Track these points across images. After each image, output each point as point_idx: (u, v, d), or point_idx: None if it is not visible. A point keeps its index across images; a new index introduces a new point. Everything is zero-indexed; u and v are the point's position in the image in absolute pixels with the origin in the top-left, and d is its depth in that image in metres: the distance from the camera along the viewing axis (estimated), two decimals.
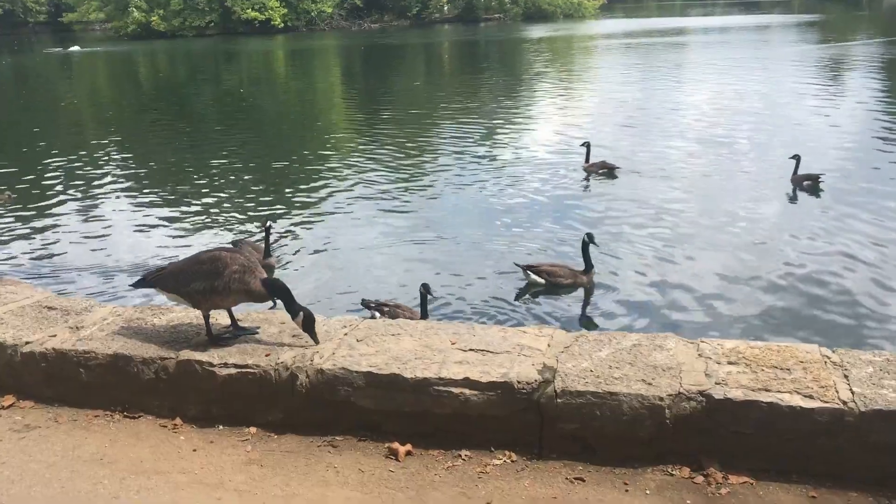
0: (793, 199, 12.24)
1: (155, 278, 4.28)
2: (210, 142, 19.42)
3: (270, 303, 4.67)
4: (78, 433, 3.93)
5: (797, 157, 12.99)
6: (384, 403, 3.74)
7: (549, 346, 3.93)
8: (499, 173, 14.62)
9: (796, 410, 3.30)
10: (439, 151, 16.85)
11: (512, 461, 3.56)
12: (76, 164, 16.54)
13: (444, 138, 18.49)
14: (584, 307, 8.20)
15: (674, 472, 3.43)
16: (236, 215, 12.30)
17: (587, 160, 14.44)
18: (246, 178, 15.20)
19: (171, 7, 71.37)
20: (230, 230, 11.28)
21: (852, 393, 3.34)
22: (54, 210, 13.06)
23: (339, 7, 78.05)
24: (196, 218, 12.07)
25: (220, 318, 4.36)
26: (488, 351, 3.90)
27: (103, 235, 11.30)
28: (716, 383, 3.47)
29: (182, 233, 11.29)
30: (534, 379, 3.59)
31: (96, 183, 14.95)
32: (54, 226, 11.95)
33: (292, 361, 3.89)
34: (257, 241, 10.03)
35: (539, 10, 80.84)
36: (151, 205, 13.08)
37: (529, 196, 12.86)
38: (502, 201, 12.49)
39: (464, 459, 3.60)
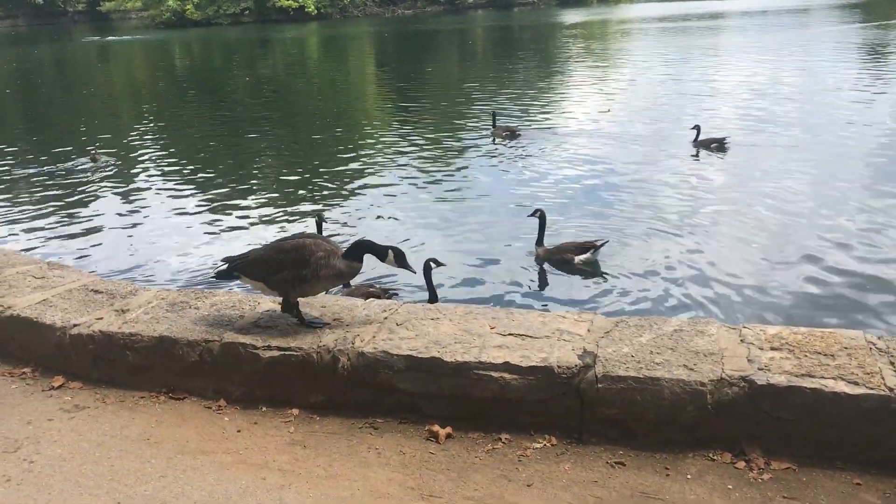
0: (830, 178, 12.06)
1: (238, 266, 4.24)
2: (243, 130, 19.55)
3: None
4: (125, 414, 4.01)
5: (697, 127, 14.37)
6: (424, 386, 3.77)
7: (589, 331, 3.93)
8: (526, 157, 14.66)
9: (841, 397, 3.26)
10: (474, 137, 16.76)
11: (552, 445, 3.58)
12: (113, 152, 16.74)
13: (479, 122, 18.39)
14: (609, 292, 8.13)
15: (715, 458, 3.42)
16: (274, 202, 12.39)
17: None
18: (281, 166, 15.30)
19: None
20: (269, 218, 11.34)
21: None
22: (95, 195, 13.26)
23: None
24: (233, 205, 12.14)
25: (263, 303, 4.43)
26: (528, 336, 3.91)
27: (140, 223, 11.42)
28: (758, 369, 3.45)
29: (220, 219, 11.36)
30: (574, 364, 3.60)
31: (134, 171, 15.14)
32: (95, 212, 12.12)
33: (334, 344, 3.94)
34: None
35: None
36: (187, 192, 13.17)
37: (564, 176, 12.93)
38: (525, 188, 12.45)
39: (504, 443, 3.62)
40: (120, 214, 11.99)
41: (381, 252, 4.13)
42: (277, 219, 11.38)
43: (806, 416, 3.33)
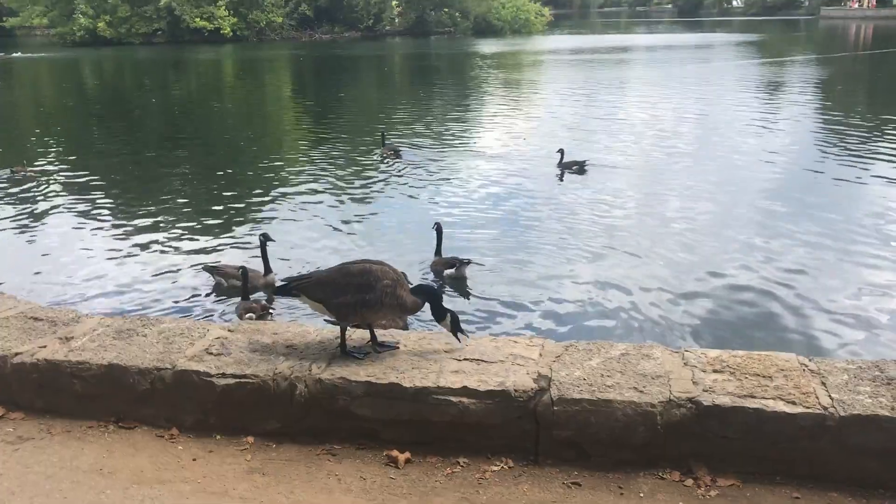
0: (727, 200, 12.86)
1: (300, 286, 4.20)
2: (155, 152, 19.32)
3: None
4: (73, 444, 3.92)
5: (561, 151, 15.40)
6: (383, 412, 3.82)
7: (541, 355, 4.06)
8: (438, 181, 15.18)
9: (781, 416, 3.48)
10: (384, 163, 17.00)
11: (509, 467, 3.68)
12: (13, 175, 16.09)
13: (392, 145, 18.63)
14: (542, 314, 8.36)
15: (665, 476, 3.59)
16: (189, 222, 12.24)
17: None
18: (195, 188, 15.19)
19: (118, 14, 70.24)
20: (185, 241, 11.15)
21: (831, 399, 3.54)
22: (13, 215, 12.80)
23: (290, 17, 77.78)
24: (150, 227, 11.87)
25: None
26: (483, 360, 4.01)
27: (61, 246, 11.05)
28: (703, 390, 3.64)
29: (141, 242, 11.07)
30: (530, 387, 3.72)
31: (47, 191, 14.62)
32: (15, 232, 11.71)
33: (290, 371, 3.95)
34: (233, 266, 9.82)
35: (488, 25, 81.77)
36: (98, 216, 12.70)
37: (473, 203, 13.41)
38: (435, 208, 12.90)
39: (462, 466, 3.70)
40: (40, 236, 11.59)
41: (441, 312, 4.13)
42: (195, 239, 11.26)
43: (749, 434, 3.53)
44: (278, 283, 4.40)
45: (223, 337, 4.37)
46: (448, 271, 9.48)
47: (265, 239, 9.37)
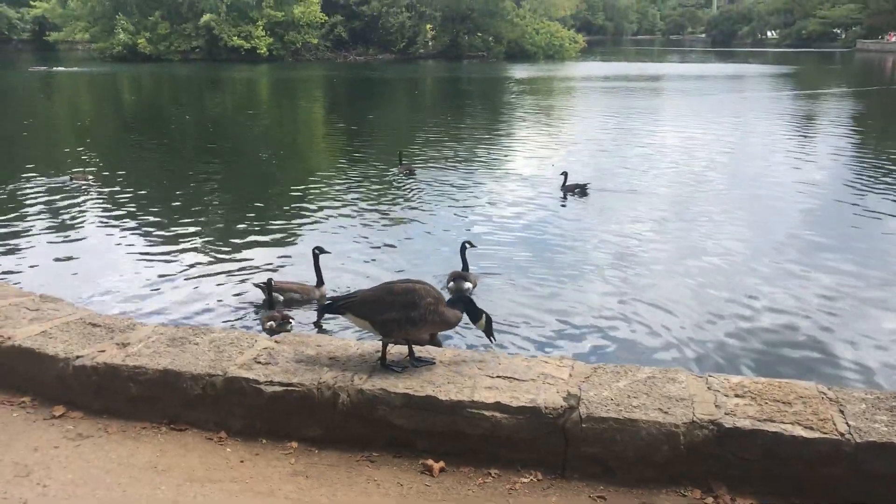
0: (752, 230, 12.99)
1: (346, 304, 4.45)
2: (192, 168, 19.80)
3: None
4: (129, 443, 4.19)
5: (565, 174, 15.91)
6: (419, 423, 4.05)
7: (570, 375, 4.27)
8: (455, 200, 15.66)
9: (799, 440, 3.66)
10: (417, 182, 17.38)
11: (538, 480, 3.89)
12: (54, 185, 16.59)
13: (423, 169, 19.03)
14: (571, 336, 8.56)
15: (686, 494, 3.77)
16: (230, 240, 12.58)
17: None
18: (233, 205, 15.61)
19: (158, 31, 71.79)
20: (225, 255, 11.49)
21: (848, 426, 3.72)
22: (74, 224, 13.35)
23: (325, 39, 78.94)
24: (188, 243, 12.24)
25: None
26: (515, 378, 4.23)
27: (115, 257, 11.46)
28: (725, 413, 3.84)
29: (185, 258, 11.39)
30: (560, 405, 3.94)
31: (88, 202, 15.08)
32: (76, 242, 12.22)
33: (334, 381, 4.20)
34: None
35: (521, 49, 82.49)
36: (140, 229, 13.08)
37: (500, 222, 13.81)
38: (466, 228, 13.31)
39: (493, 477, 3.91)
40: (91, 246, 12.04)
41: (476, 313, 4.49)
42: (233, 253, 11.59)
43: (767, 456, 3.71)
44: (326, 301, 4.66)
45: (270, 347, 4.63)
46: (451, 284, 9.80)
47: (319, 252, 9.71)
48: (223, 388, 4.28)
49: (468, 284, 9.80)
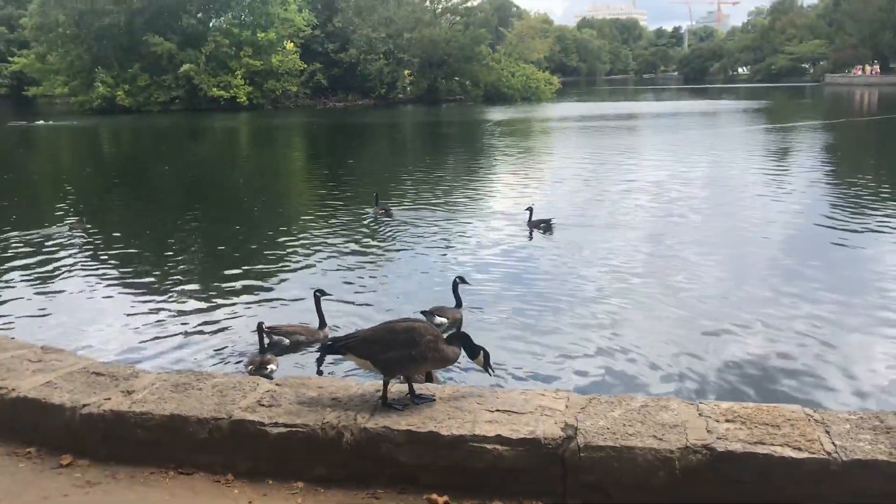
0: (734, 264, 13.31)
1: (346, 345, 4.58)
2: (173, 216, 20.05)
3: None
4: (138, 488, 4.27)
5: (530, 209, 16.49)
6: (422, 458, 4.17)
7: (567, 406, 4.41)
8: (435, 239, 16.14)
9: (788, 460, 3.82)
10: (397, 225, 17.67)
11: None
12: (34, 238, 16.66)
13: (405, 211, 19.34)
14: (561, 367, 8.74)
15: None
16: (209, 282, 12.79)
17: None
18: (213, 252, 15.90)
19: (137, 83, 72.25)
20: (211, 304, 11.59)
21: (834, 445, 3.88)
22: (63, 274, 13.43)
23: (305, 86, 79.74)
24: (178, 293, 12.35)
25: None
26: (513, 411, 4.37)
27: (106, 306, 11.59)
28: (717, 438, 3.98)
29: (168, 309, 11.53)
30: (559, 435, 4.07)
31: (55, 256, 15.09)
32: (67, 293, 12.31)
33: (338, 421, 4.31)
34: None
35: (498, 92, 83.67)
36: (119, 280, 13.28)
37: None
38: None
39: None
40: (86, 297, 12.18)
41: (474, 350, 4.64)
42: (221, 302, 11.70)
43: (759, 477, 3.86)
44: (326, 343, 4.79)
45: (272, 390, 4.74)
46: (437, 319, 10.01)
47: (321, 294, 9.90)
48: (229, 430, 4.38)
49: (440, 320, 9.97)
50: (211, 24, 78.27)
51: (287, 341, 9.48)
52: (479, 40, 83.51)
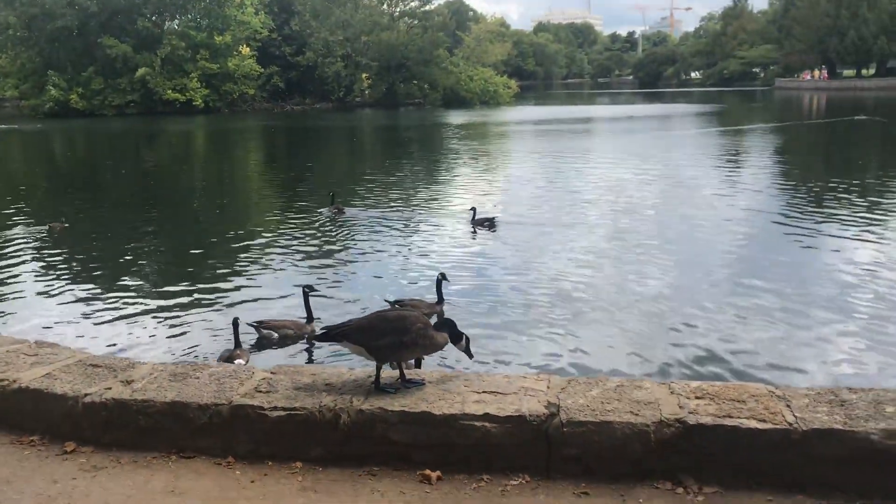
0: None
1: (341, 333, 4.80)
2: (132, 219, 20.06)
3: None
4: (143, 471, 4.47)
5: (473, 209, 17.41)
6: (415, 437, 4.43)
7: (548, 387, 4.72)
8: (390, 235, 16.94)
9: (754, 431, 4.16)
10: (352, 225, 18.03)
11: (526, 481, 4.30)
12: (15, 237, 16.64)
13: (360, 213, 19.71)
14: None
15: (659, 486, 4.22)
16: (168, 281, 13.01)
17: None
18: (170, 252, 16.19)
19: (91, 86, 71.23)
20: (185, 301, 11.77)
21: (795, 417, 4.24)
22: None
23: (262, 89, 79.30)
24: (153, 291, 12.50)
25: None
26: (499, 392, 4.66)
27: (87, 302, 11.73)
28: (689, 412, 4.32)
29: (141, 306, 11.66)
30: (542, 413, 4.37)
31: (36, 256, 15.19)
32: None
33: (334, 403, 4.56)
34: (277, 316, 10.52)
35: (457, 96, 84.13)
36: (87, 278, 13.49)
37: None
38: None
39: (486, 482, 4.31)
40: (72, 292, 12.39)
41: (458, 335, 4.94)
42: (195, 298, 11.91)
43: (728, 448, 4.20)
44: (319, 332, 5.06)
45: (268, 378, 4.96)
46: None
47: (309, 290, 10.20)
48: (229, 415, 4.59)
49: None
50: (166, 27, 77.46)
51: (276, 335, 9.76)
52: (437, 44, 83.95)
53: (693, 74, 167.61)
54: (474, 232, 16.76)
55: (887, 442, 4.04)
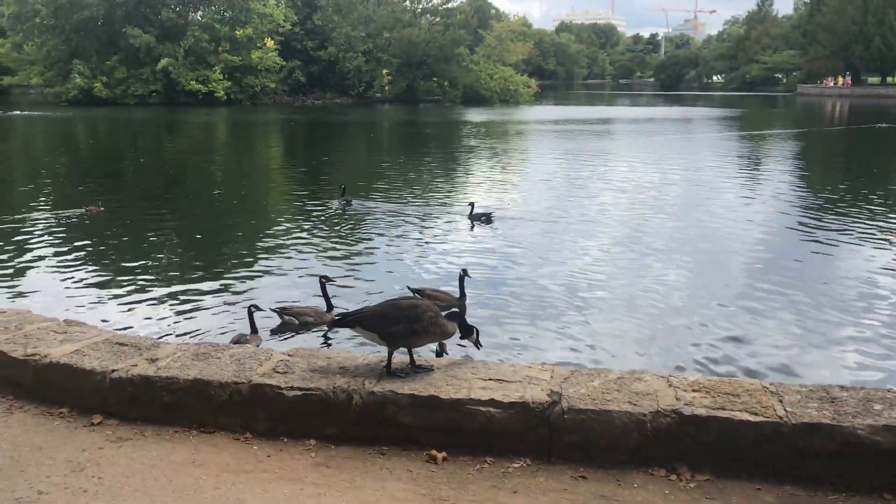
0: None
1: (356, 319, 5.06)
2: (150, 207, 20.40)
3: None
4: (165, 444, 4.73)
5: (472, 204, 17.70)
6: (423, 420, 4.67)
7: (551, 377, 4.94)
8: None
9: (746, 423, 4.37)
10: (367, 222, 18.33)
11: (528, 465, 4.52)
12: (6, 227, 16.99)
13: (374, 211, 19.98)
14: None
15: (654, 472, 4.44)
16: (186, 272, 13.33)
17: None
18: (189, 242, 16.48)
19: (115, 75, 71.91)
20: (195, 288, 12.05)
21: (786, 411, 4.44)
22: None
23: (283, 83, 79.78)
24: (178, 278, 12.80)
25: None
26: (504, 380, 4.88)
27: (111, 286, 12.10)
28: (685, 404, 4.53)
29: (165, 292, 11.96)
30: (545, 400, 4.60)
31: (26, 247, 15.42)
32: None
33: (347, 385, 4.81)
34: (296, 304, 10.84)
35: (477, 94, 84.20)
36: (114, 263, 13.87)
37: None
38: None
39: (489, 463, 4.54)
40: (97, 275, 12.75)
41: (469, 329, 5.21)
42: (201, 289, 12.17)
43: (720, 439, 4.40)
44: (336, 318, 5.33)
45: (285, 360, 5.22)
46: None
47: (325, 280, 10.58)
48: (249, 393, 4.85)
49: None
50: (190, 18, 78.05)
51: (297, 321, 10.14)
52: (458, 42, 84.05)
53: (715, 78, 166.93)
54: (471, 226, 17.11)
55: (874, 437, 4.24)
